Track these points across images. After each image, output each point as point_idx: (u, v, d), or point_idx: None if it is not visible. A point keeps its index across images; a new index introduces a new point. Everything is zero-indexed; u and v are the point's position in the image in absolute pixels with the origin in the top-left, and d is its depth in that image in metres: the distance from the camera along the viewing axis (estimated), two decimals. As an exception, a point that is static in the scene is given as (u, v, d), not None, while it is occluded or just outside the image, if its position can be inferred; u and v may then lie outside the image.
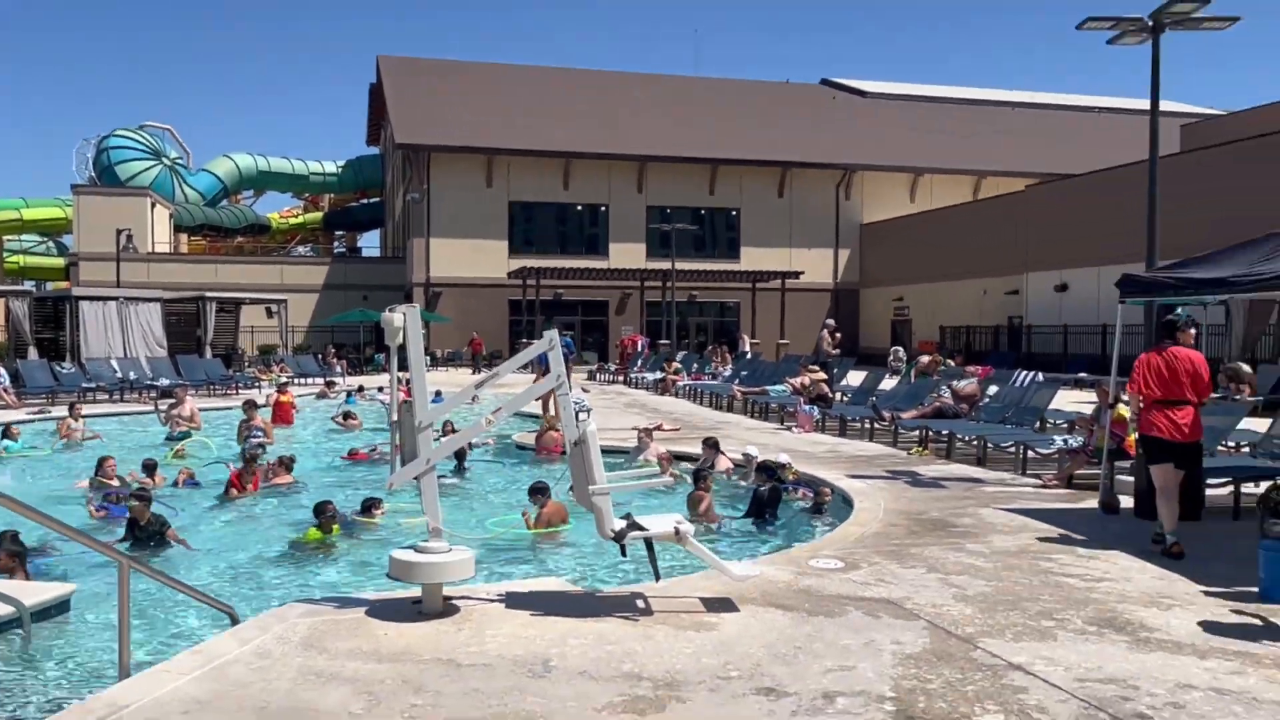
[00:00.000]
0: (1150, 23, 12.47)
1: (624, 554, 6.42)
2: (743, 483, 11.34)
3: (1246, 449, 11.41)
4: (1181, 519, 8.30)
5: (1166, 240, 23.47)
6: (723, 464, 11.79)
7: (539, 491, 9.62)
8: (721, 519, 9.79)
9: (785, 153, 46.07)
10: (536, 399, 11.49)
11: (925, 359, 20.28)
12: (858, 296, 47.26)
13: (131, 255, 43.05)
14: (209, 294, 33.69)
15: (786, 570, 6.86)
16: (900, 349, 36.30)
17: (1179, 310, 8.75)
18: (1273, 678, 4.83)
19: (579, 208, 44.59)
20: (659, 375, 27.48)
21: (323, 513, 9.25)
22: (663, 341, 38.65)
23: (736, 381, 23.57)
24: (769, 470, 10.37)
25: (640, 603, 6.10)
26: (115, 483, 11.32)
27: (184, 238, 53.58)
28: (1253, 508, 8.26)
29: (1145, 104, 12.63)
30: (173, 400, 18.85)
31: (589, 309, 44.52)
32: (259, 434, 15.52)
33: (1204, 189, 28.01)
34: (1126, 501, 9.25)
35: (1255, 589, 6.26)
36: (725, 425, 17.41)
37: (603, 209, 44.63)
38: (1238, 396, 15.72)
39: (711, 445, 12.27)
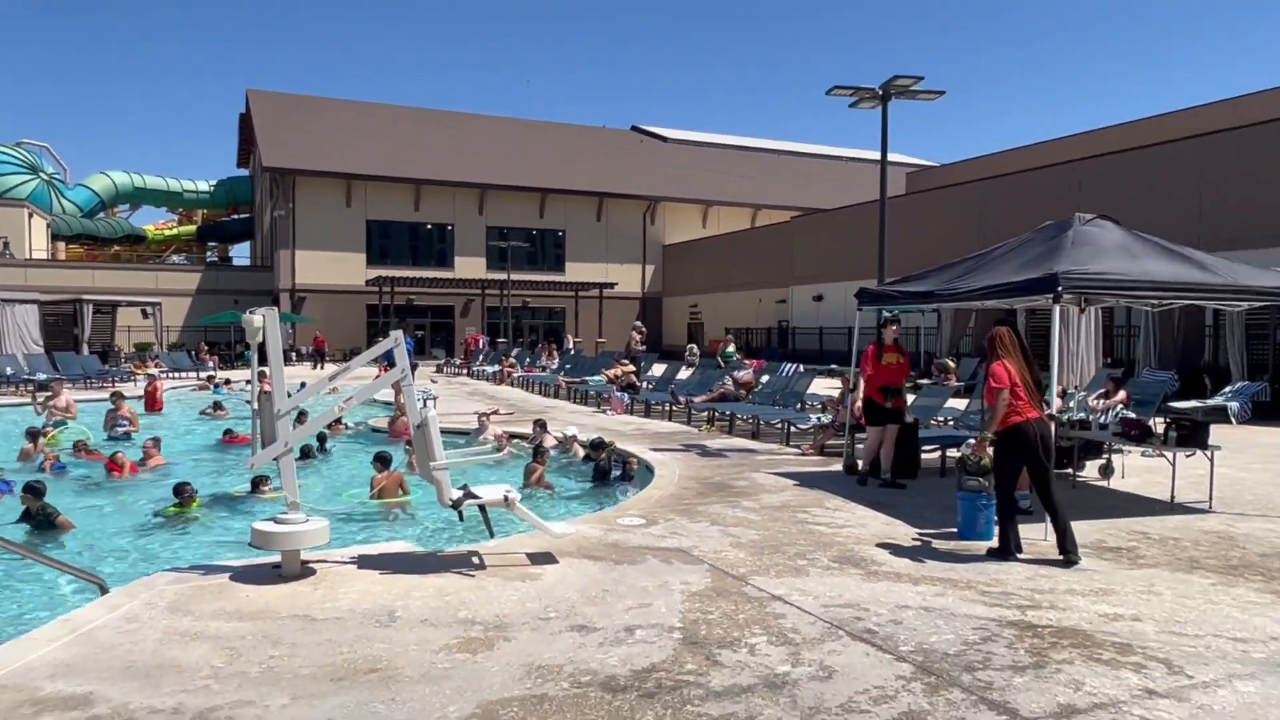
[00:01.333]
0: (880, 92, 13.23)
1: (461, 519, 6.29)
2: (564, 456, 11.31)
3: (951, 423, 12.28)
4: (902, 477, 8.93)
5: (895, 261, 25.14)
6: (549, 441, 11.73)
7: (381, 460, 9.30)
8: (552, 486, 9.72)
9: (602, 184, 46.35)
10: (384, 390, 11.09)
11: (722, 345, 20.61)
12: (661, 303, 48.07)
13: (8, 261, 38.81)
14: (85, 297, 30.84)
15: (598, 528, 6.89)
16: (694, 345, 37.01)
17: (886, 313, 9.39)
18: (965, 596, 5.22)
19: (428, 226, 43.39)
20: (497, 368, 27.11)
21: (181, 492, 8.61)
22: (500, 340, 38.13)
23: (562, 373, 23.50)
24: (598, 445, 10.42)
25: (475, 560, 5.99)
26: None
27: (61, 246, 48.79)
28: (954, 468, 8.91)
29: (879, 155, 13.37)
30: (49, 393, 17.12)
31: (438, 313, 43.40)
32: (124, 423, 14.33)
33: (922, 222, 30.05)
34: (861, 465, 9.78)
35: (955, 530, 6.75)
36: (552, 409, 17.35)
37: (449, 228, 43.59)
38: (945, 383, 16.92)
39: (541, 425, 12.18)
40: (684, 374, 20.62)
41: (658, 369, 23.07)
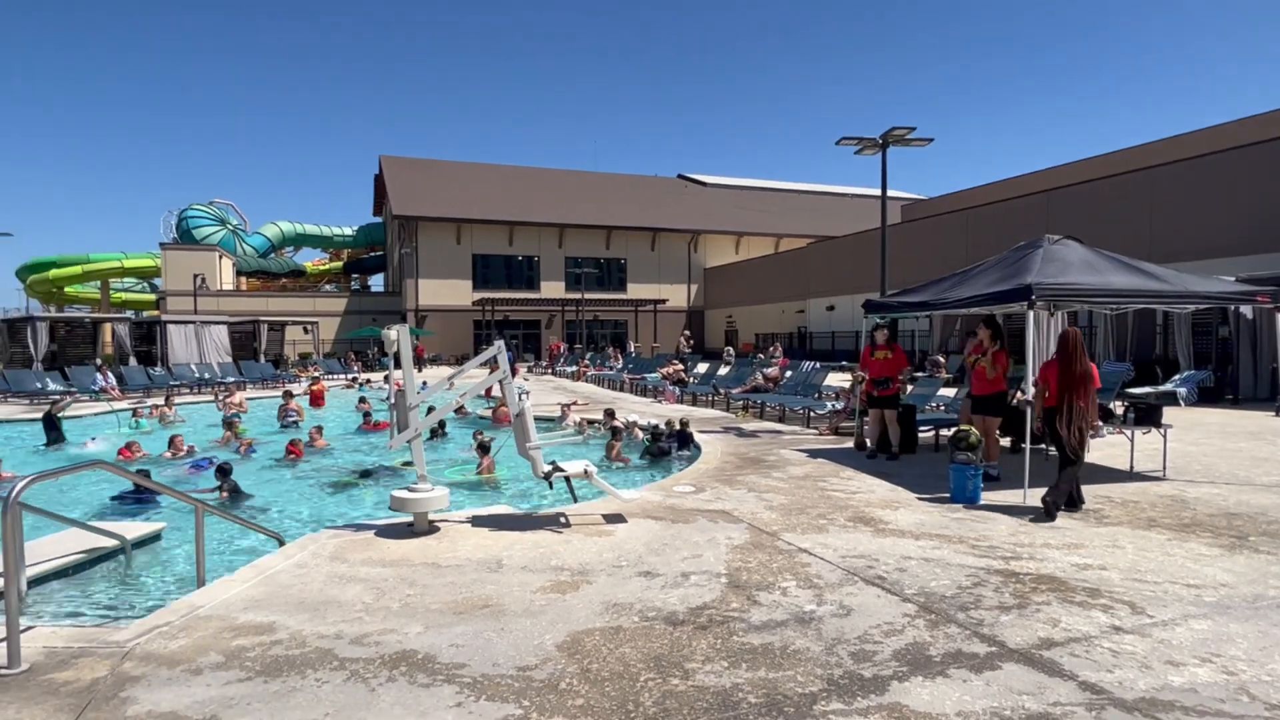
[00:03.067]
0: (880, 141, 12.96)
1: (550, 487, 6.36)
2: (637, 434, 11.33)
3: (943, 408, 11.97)
4: (902, 453, 8.76)
5: (894, 277, 24.55)
6: (619, 423, 11.80)
7: (482, 448, 9.36)
8: (628, 460, 9.73)
9: (655, 221, 46.33)
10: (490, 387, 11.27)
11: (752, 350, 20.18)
12: (703, 314, 47.82)
13: (204, 292, 40.62)
14: (262, 318, 32.12)
15: (658, 494, 6.89)
16: (730, 348, 36.89)
17: (881, 318, 9.19)
18: (958, 550, 5.09)
19: (520, 258, 43.98)
20: (574, 368, 27.26)
21: (367, 473, 8.80)
22: (577, 346, 38.44)
23: (625, 372, 23.45)
24: (682, 422, 10.46)
25: (563, 520, 6.05)
26: (183, 453, 10.58)
27: (243, 280, 50.86)
28: (947, 444, 8.69)
29: (880, 191, 13.10)
30: (226, 392, 17.80)
31: (528, 325, 43.96)
32: (293, 415, 14.81)
33: (917, 245, 29.32)
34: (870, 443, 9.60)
35: (948, 495, 6.58)
36: (619, 400, 17.37)
37: (536, 258, 44.10)
38: (937, 375, 16.51)
39: (609, 413, 12.23)
40: (723, 370, 20.50)
41: (702, 367, 22.94)
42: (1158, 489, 6.91)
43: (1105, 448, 9.15)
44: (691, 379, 20.37)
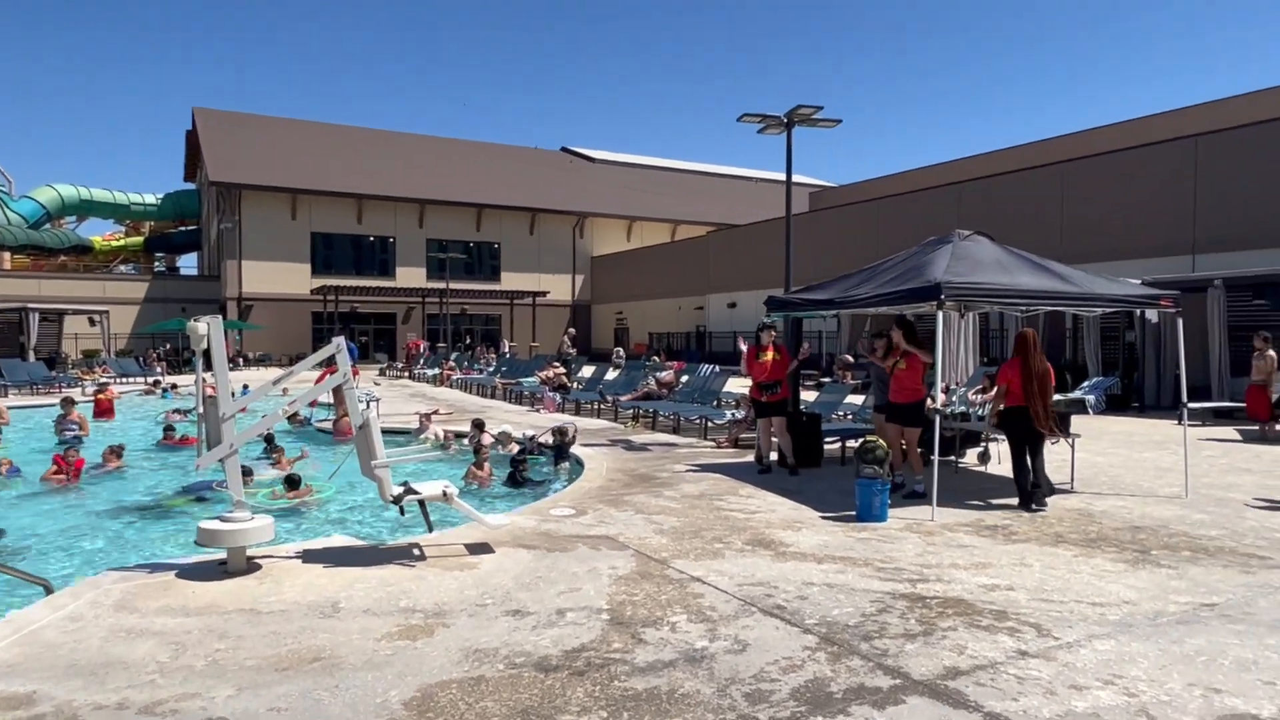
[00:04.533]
0: (784, 119, 13.45)
1: (402, 514, 6.14)
2: (503, 451, 11.17)
3: (850, 417, 12.56)
4: (805, 466, 9.12)
5: (799, 272, 25.58)
6: (486, 439, 11.57)
7: (290, 482, 8.79)
8: (492, 479, 9.57)
9: (534, 201, 46.03)
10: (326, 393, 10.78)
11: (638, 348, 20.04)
12: (590, 310, 47.98)
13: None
14: (31, 305, 29.18)
15: (532, 519, 6.81)
16: (620, 349, 37.22)
17: (768, 317, 9.58)
18: (863, 573, 5.33)
19: (371, 239, 42.40)
20: (437, 371, 26.63)
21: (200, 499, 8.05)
22: (440, 345, 37.49)
23: (498, 375, 23.24)
24: (560, 432, 10.34)
25: (416, 551, 5.85)
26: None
27: (7, 256, 45.94)
28: (853, 457, 9.12)
29: (785, 176, 13.60)
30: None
31: (380, 319, 42.44)
32: (74, 427, 13.52)
33: (824, 236, 30.70)
34: (773, 456, 9.93)
35: (854, 513, 6.90)
36: (489, 409, 17.10)
37: (391, 240, 42.67)
38: (844, 381, 17.30)
39: (478, 425, 11.99)
40: (611, 375, 20.62)
41: (587, 370, 22.99)
42: (1066, 502, 7.55)
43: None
44: (575, 384, 20.37)
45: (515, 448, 11.04)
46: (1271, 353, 11.92)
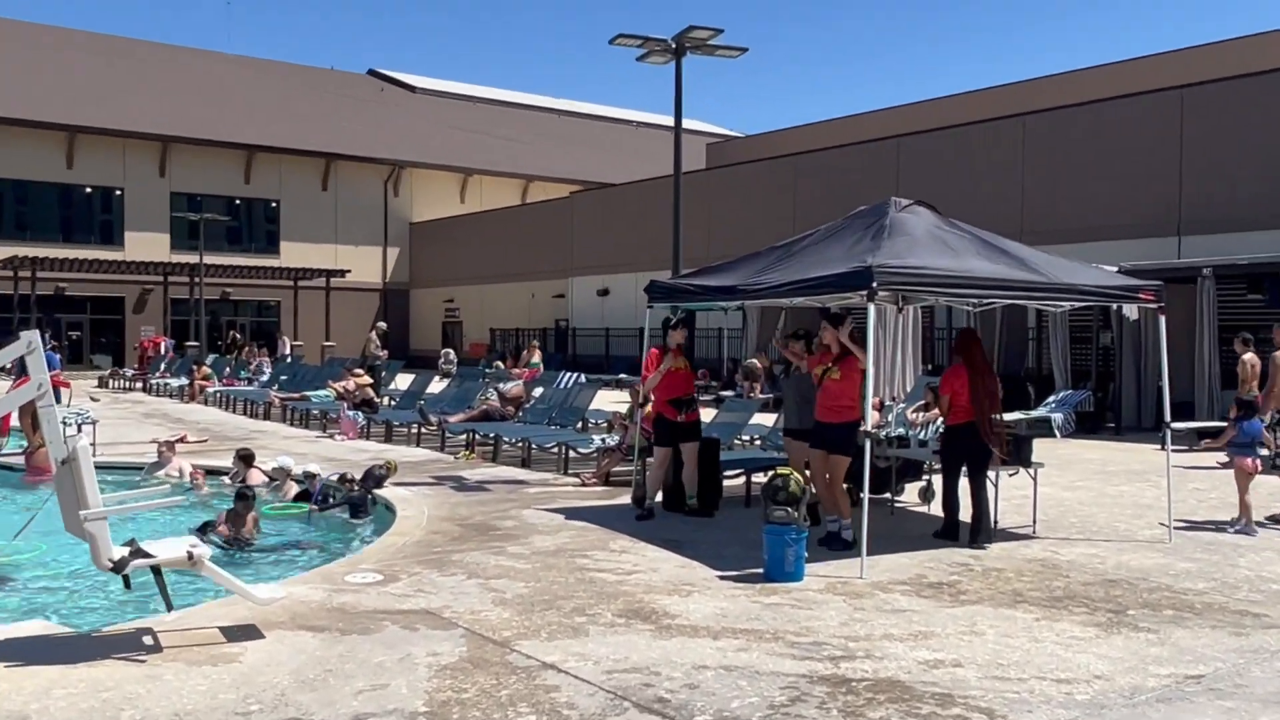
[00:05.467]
0: (673, 45, 13.70)
1: (127, 586, 5.82)
2: (276, 495, 10.79)
3: (758, 442, 12.89)
4: (703, 509, 9.31)
5: (693, 249, 26.13)
6: (255, 477, 11.14)
7: None
8: (256, 535, 9.21)
9: (330, 143, 44.87)
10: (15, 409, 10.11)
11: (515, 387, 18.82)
12: (408, 297, 47.24)
13: None
14: None
15: (320, 588, 6.60)
16: (450, 351, 36.85)
17: (668, 311, 9.80)
18: (772, 650, 5.47)
19: (87, 190, 40.13)
20: (185, 381, 25.55)
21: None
22: (191, 344, 35.84)
23: (275, 387, 22.71)
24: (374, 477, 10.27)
25: (148, 639, 5.54)
26: None
27: None
28: (760, 496, 9.35)
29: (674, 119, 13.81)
30: None
31: (101, 306, 40.18)
32: None
33: (725, 202, 31.47)
34: (657, 496, 10.05)
35: (761, 571, 7.07)
36: (261, 435, 16.53)
37: (117, 193, 40.54)
38: (751, 395, 17.76)
39: (244, 458, 11.54)
40: (437, 386, 20.35)
41: (403, 381, 22.70)
42: (1027, 550, 8.03)
43: (965, 495, 10.42)
44: (386, 399, 19.94)
45: (293, 489, 10.72)
46: (1249, 356, 12.97)
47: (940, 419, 8.77)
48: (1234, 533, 8.85)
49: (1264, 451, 9.63)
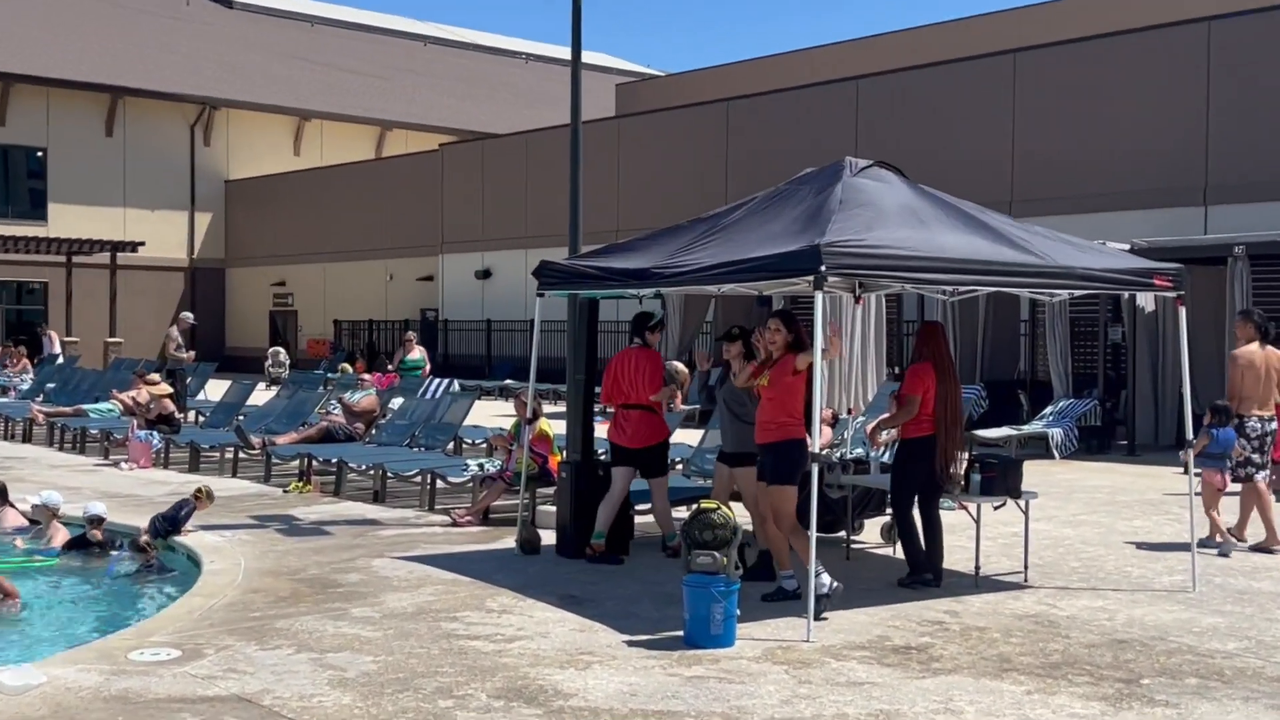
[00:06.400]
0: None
1: None
2: (39, 541, 10.51)
3: (679, 466, 12.93)
4: (611, 552, 9.32)
5: (599, 219, 26.07)
6: (10, 519, 10.84)
7: None
8: (17, 596, 8.89)
9: (117, 73, 43.85)
10: None
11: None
12: (223, 278, 46.41)
13: None
14: None
15: (95, 670, 6.42)
16: (281, 350, 36.30)
17: (647, 304, 9.84)
18: (693, 737, 5.49)
19: None
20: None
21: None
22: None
23: (39, 398, 22.30)
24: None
25: None
26: None
27: None
28: (679, 537, 9.38)
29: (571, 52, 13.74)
30: None
31: None
32: None
33: (640, 159, 31.54)
34: (550, 537, 10.03)
35: (682, 633, 7.08)
36: (18, 464, 16.11)
37: None
38: (674, 406, 17.79)
39: (-3, 493, 11.23)
40: (262, 397, 20.01)
41: (215, 389, 22.30)
42: (1016, 604, 8.18)
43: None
44: (193, 415, 19.53)
45: (60, 534, 10.41)
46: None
47: (894, 419, 8.87)
48: (1217, 554, 9.66)
49: (1229, 464, 10.28)
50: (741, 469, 8.78)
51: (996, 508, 9.20)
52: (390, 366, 24.08)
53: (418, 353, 24.13)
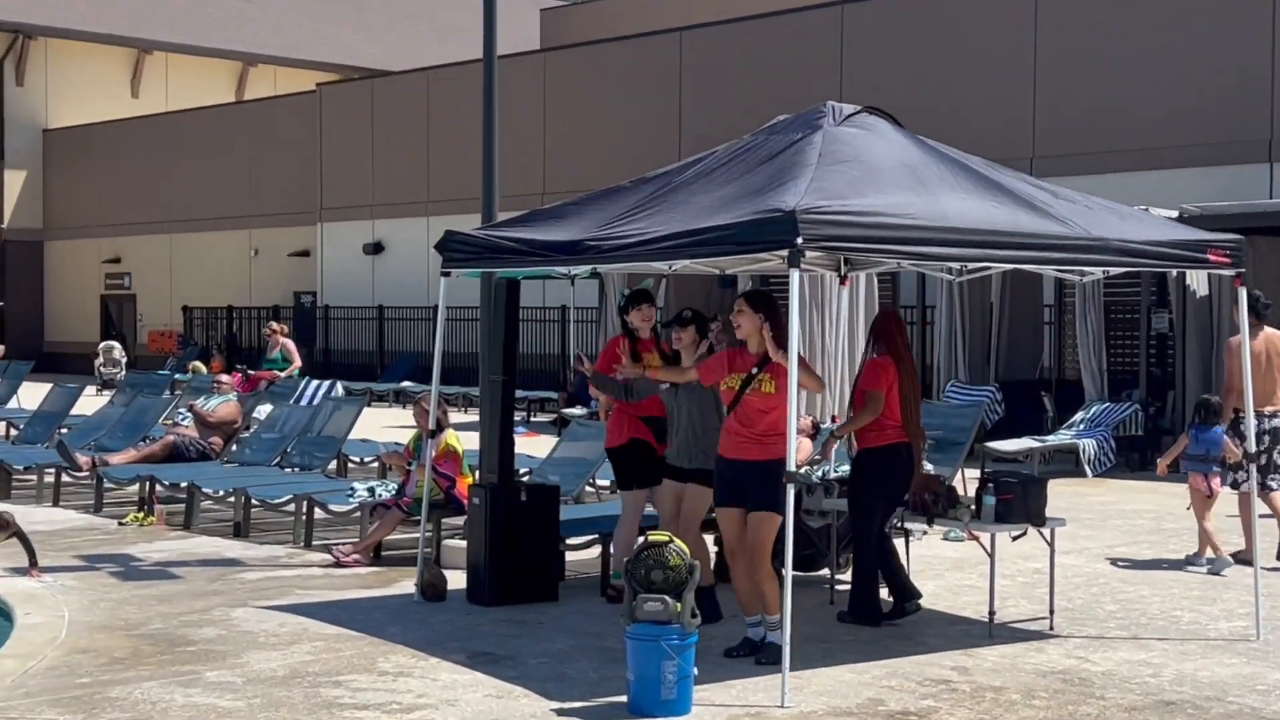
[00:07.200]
0: None
1: None
2: None
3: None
4: (524, 598, 9.34)
5: (520, 177, 25.89)
6: None
7: None
8: None
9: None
10: None
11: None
12: (41, 253, 45.90)
13: None
14: None
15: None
16: (116, 345, 35.90)
17: (647, 282, 9.78)
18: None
19: None
20: None
21: None
22: None
23: None
24: None
25: None
26: None
27: None
28: (621, 577, 9.36)
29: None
30: None
31: None
32: None
33: (570, 105, 31.46)
34: (459, 580, 9.98)
35: (625, 699, 7.06)
36: None
37: None
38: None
39: None
40: (91, 404, 19.82)
41: (31, 395, 22.13)
42: (1040, 657, 8.20)
43: (946, 570, 10.64)
44: (2, 428, 19.28)
45: None
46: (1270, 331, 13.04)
47: (855, 421, 8.96)
48: (1208, 573, 10.19)
49: (1218, 468, 10.70)
50: (696, 487, 8.79)
51: (1015, 538, 9.22)
52: (251, 371, 23.91)
53: (283, 348, 23.79)
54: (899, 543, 9.39)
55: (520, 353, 10.77)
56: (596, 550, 10.39)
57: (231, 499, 13.15)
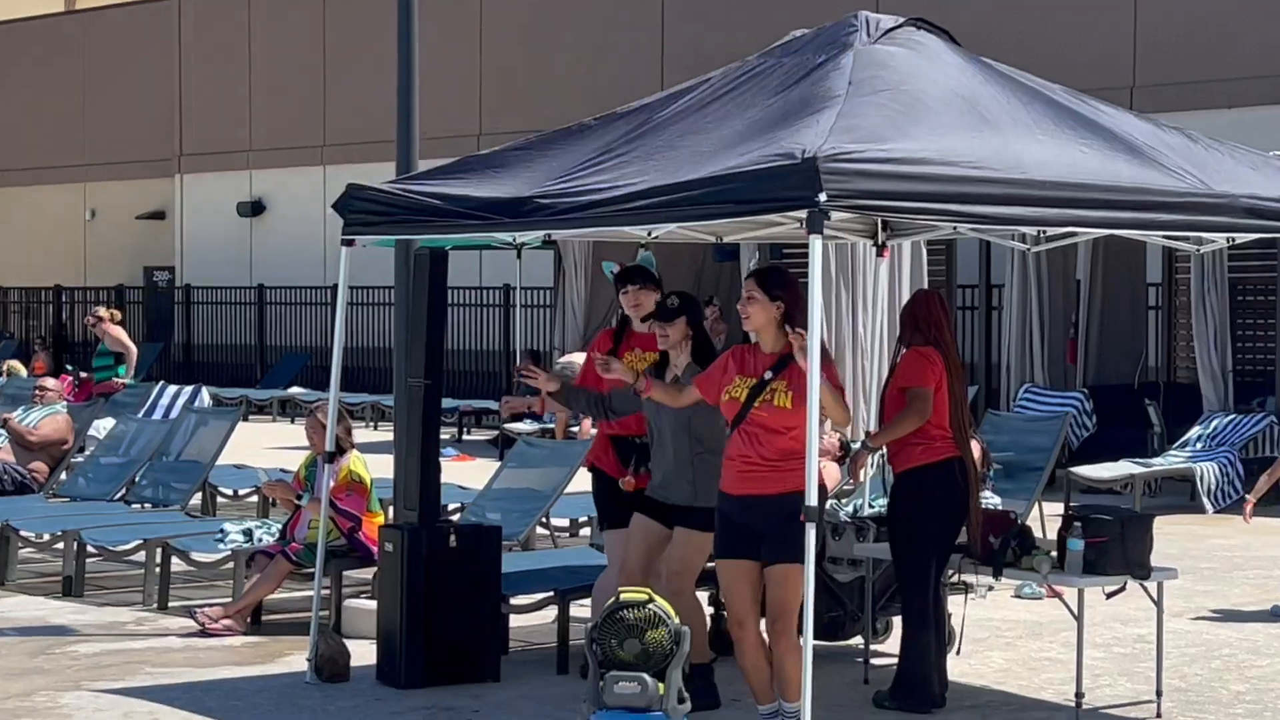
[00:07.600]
0: None
1: None
2: None
3: (588, 530, 12.95)
4: (472, 678, 9.32)
5: (461, 114, 25.88)
6: None
7: None
8: None
9: None
10: None
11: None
12: None
13: None
14: None
15: None
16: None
17: (641, 256, 9.76)
18: None
19: None
20: None
21: None
22: None
23: None
24: None
25: None
26: None
27: None
28: (585, 646, 9.35)
29: None
30: None
31: None
32: None
33: (517, 17, 31.51)
34: (366, 653, 9.98)
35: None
36: None
37: None
38: (573, 429, 17.81)
39: None
40: None
41: None
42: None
43: (1018, 636, 10.67)
44: None
45: None
46: None
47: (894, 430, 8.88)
48: None
49: None
50: (687, 532, 8.72)
51: (1110, 594, 9.18)
52: (84, 374, 23.89)
53: (124, 341, 23.71)
54: (953, 601, 9.41)
55: (449, 349, 10.73)
56: (552, 612, 10.34)
57: (60, 545, 13.11)
